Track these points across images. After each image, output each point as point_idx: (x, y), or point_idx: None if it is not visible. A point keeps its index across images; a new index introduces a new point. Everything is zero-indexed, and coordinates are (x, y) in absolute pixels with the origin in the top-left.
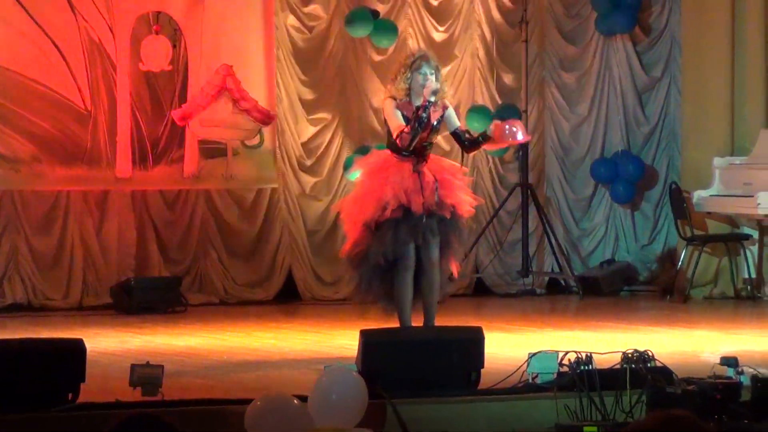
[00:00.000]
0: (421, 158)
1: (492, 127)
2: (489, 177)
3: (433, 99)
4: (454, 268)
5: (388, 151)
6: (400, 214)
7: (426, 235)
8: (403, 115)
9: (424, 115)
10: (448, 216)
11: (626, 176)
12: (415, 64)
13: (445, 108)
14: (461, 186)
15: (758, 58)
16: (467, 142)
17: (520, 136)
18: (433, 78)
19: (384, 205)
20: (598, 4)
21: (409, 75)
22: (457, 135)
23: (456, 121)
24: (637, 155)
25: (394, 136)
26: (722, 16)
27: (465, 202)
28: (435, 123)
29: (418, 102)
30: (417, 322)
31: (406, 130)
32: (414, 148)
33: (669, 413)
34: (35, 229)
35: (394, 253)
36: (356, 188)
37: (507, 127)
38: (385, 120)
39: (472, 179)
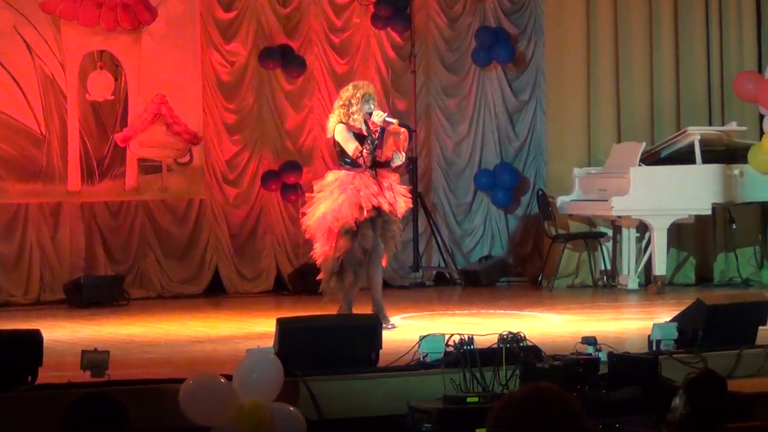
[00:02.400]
0: (372, 170)
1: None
2: None
3: (381, 124)
4: (383, 260)
5: (342, 171)
6: (352, 223)
7: (370, 236)
8: (354, 135)
9: (377, 138)
10: (385, 217)
11: (503, 184)
12: (365, 96)
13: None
14: (399, 191)
15: (609, 84)
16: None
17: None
18: (374, 107)
19: (343, 217)
20: (482, 39)
21: (359, 104)
22: None
23: None
24: (512, 166)
25: (354, 156)
26: (578, 50)
27: (400, 204)
28: (377, 137)
29: (364, 126)
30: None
31: (365, 150)
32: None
33: (537, 385)
34: None
35: (352, 253)
36: (321, 203)
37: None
38: (337, 142)
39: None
